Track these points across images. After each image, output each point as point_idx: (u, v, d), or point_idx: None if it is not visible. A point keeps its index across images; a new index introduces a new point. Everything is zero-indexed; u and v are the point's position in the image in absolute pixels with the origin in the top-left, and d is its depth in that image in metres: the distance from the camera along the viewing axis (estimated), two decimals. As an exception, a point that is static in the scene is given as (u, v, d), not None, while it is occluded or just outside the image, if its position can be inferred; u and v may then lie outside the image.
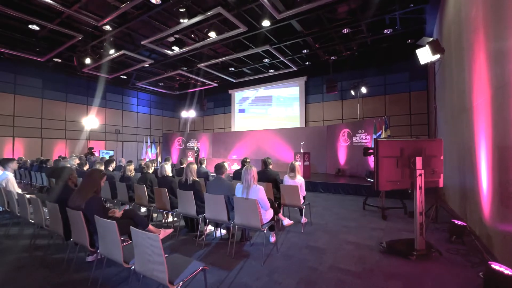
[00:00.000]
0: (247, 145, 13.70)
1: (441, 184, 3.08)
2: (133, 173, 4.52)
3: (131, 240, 2.77)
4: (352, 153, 9.69)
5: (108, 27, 8.23)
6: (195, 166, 3.53)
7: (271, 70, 12.39)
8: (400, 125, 10.24)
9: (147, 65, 11.52)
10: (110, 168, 4.87)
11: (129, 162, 4.68)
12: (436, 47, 3.81)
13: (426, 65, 4.43)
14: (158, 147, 14.89)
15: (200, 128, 17.23)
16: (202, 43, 8.95)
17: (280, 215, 3.62)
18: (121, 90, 14.88)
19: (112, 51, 9.43)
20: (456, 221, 3.46)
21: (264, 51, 10.04)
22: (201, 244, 3.37)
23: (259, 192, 2.87)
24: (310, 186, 8.09)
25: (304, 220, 4.38)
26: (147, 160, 11.50)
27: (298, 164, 4.22)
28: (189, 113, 15.66)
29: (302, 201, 4.09)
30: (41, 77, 11.67)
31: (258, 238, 3.65)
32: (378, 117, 8.76)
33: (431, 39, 3.96)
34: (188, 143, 14.86)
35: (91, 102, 13.45)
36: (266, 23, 7.65)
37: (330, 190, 7.76)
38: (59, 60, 10.84)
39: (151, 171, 4.38)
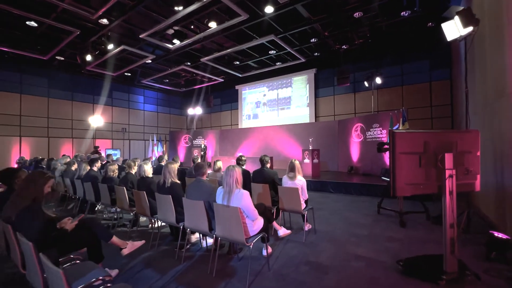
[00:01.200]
0: (254, 142, 13.16)
1: (477, 188, 2.40)
2: (116, 173, 4.11)
3: (89, 255, 2.33)
4: (366, 150, 8.92)
5: (105, 21, 7.94)
6: (174, 166, 3.03)
7: (278, 63, 11.74)
8: (420, 118, 9.34)
9: (149, 61, 11.22)
10: (95, 168, 4.50)
11: (113, 161, 4.27)
12: (468, 18, 3.08)
13: (449, 51, 3.70)
14: (164, 145, 14.66)
15: (207, 126, 16.88)
16: (202, 34, 8.46)
17: (275, 224, 3.06)
18: (127, 88, 14.74)
19: (112, 47, 9.15)
20: (496, 233, 2.76)
21: (269, 41, 9.42)
22: (181, 257, 2.88)
23: (243, 198, 2.32)
24: (319, 186, 7.45)
25: (307, 226, 3.80)
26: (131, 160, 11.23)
27: (298, 162, 3.62)
28: (195, 110, 15.31)
29: (303, 205, 3.50)
30: (46, 76, 11.65)
31: (250, 251, 3.12)
32: (394, 110, 7.95)
33: (461, 8, 3.24)
34: (195, 141, 14.53)
35: (97, 100, 13.38)
36: (269, 9, 7.04)
37: (341, 190, 7.09)
38: (62, 58, 10.72)
39: (133, 171, 3.95)
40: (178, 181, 3.01)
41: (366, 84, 9.66)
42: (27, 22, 7.99)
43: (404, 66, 9.83)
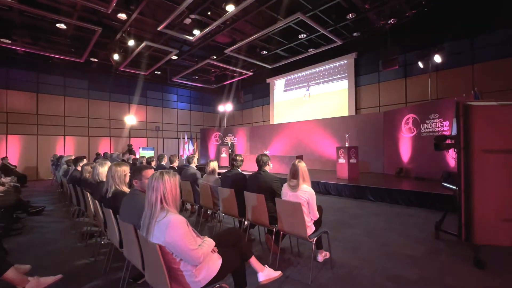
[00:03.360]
0: (285, 139, 12.01)
1: None
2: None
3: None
4: (420, 147, 7.09)
5: (123, 15, 7.75)
6: (123, 169, 2.20)
7: (310, 49, 10.36)
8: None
9: (175, 57, 10.98)
10: (79, 168, 4.04)
11: (87, 162, 3.70)
12: None
13: None
14: (195, 143, 14.50)
15: (239, 123, 16.26)
16: (221, 19, 7.68)
17: (254, 262, 2.01)
18: (161, 87, 14.96)
19: (136, 44, 9.05)
20: None
21: (297, 23, 8.21)
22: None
23: (170, 230, 1.35)
24: (355, 192, 6.03)
25: (321, 255, 2.66)
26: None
27: (304, 165, 2.49)
28: (226, 107, 14.80)
29: (311, 228, 2.39)
30: (87, 78, 12.32)
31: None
32: (461, 95, 6.03)
33: None
34: (225, 139, 14.03)
35: (132, 100, 13.79)
36: (290, -21, 5.89)
37: (384, 198, 5.57)
38: (96, 60, 11.14)
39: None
40: (127, 190, 2.18)
41: (420, 65, 7.75)
42: (57, 25, 8.26)
43: (475, 39, 7.58)
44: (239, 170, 3.35)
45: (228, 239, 1.84)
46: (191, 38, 8.83)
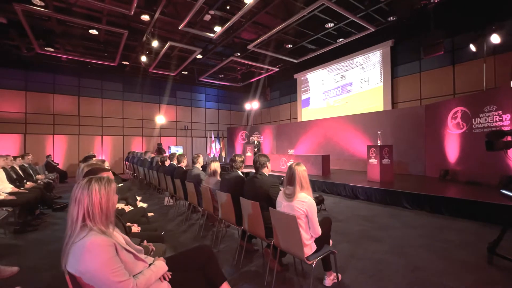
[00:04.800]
0: (313, 137, 11.31)
1: None
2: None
3: None
4: (472, 145, 5.97)
5: (146, 17, 7.89)
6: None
7: (340, 40, 9.51)
8: None
9: (200, 56, 11.00)
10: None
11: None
12: None
13: None
14: (222, 142, 14.50)
15: (266, 121, 15.89)
16: (240, 12, 7.36)
17: None
18: (189, 87, 15.26)
19: (161, 45, 9.25)
20: None
21: (322, 11, 7.54)
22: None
23: (84, 258, 1.02)
24: (388, 198, 5.25)
25: (330, 279, 2.18)
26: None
27: (303, 169, 2.02)
28: (252, 105, 14.54)
29: (311, 247, 1.92)
30: (121, 81, 13.05)
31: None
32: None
33: None
34: (251, 137, 13.80)
35: (162, 100, 14.29)
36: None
37: (423, 206, 4.73)
38: (127, 63, 11.69)
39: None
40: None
41: (472, 48, 6.55)
42: (90, 31, 8.76)
43: (548, 12, 6.14)
44: (239, 172, 2.98)
45: (194, 260, 1.49)
46: (212, 35, 8.69)
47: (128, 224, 2.30)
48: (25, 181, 5.19)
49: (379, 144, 6.46)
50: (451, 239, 3.32)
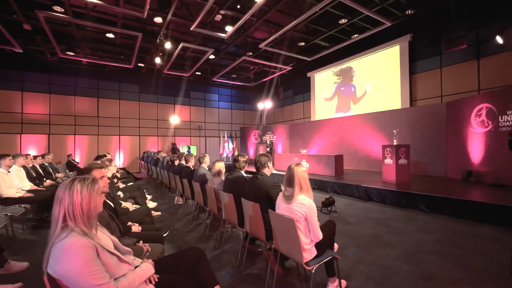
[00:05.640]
0: (327, 137, 11.05)
1: None
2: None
3: None
4: (498, 145, 5.56)
5: (159, 19, 8.04)
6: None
7: (354, 36, 9.21)
8: None
9: (212, 56, 11.08)
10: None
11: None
12: None
13: None
14: (235, 142, 14.55)
15: (280, 120, 15.74)
16: (251, 11, 7.31)
17: None
18: (203, 87, 15.44)
19: (174, 46, 9.41)
20: None
21: (335, 6, 7.32)
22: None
23: (62, 259, 1.00)
24: (404, 200, 5.00)
25: (334, 286, 2.08)
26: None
27: (302, 169, 1.93)
28: (265, 104, 14.46)
29: (311, 252, 1.83)
30: (137, 82, 13.44)
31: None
32: None
33: None
34: (264, 137, 13.74)
35: (177, 101, 14.56)
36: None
37: (443, 209, 4.45)
38: (143, 65, 12.01)
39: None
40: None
41: (499, 40, 6.09)
42: (107, 35, 9.07)
43: None
44: (242, 172, 2.93)
45: (185, 262, 1.45)
46: (223, 35, 8.71)
47: (129, 223, 2.33)
48: (44, 179, 5.45)
49: (395, 143, 6.18)
50: (471, 246, 3.08)
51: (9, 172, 3.97)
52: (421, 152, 7.55)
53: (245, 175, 2.91)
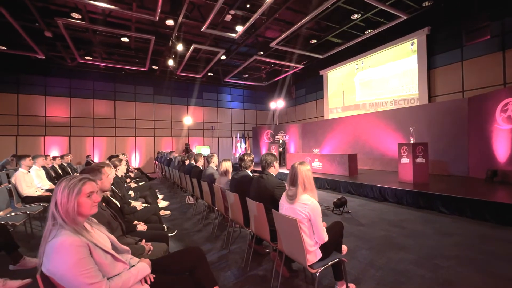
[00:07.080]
0: (341, 136, 10.80)
1: None
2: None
3: None
4: (526, 143, 5.17)
5: (171, 22, 8.18)
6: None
7: (368, 31, 8.92)
8: None
9: (224, 57, 11.13)
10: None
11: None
12: None
13: None
14: (247, 142, 14.56)
15: (292, 119, 15.58)
16: (260, 9, 7.26)
17: None
18: (215, 88, 15.58)
19: (186, 48, 9.56)
20: None
21: (346, 0, 7.13)
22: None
23: (54, 258, 1.00)
24: (421, 200, 4.77)
25: (340, 290, 1.99)
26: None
27: (306, 168, 1.85)
28: (277, 104, 14.36)
29: (316, 255, 1.76)
30: (152, 85, 13.77)
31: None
32: None
33: None
34: (276, 137, 13.65)
35: (190, 102, 14.79)
36: None
37: (463, 211, 4.20)
38: (157, 67, 12.28)
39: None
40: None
41: (527, 30, 5.66)
42: (122, 39, 9.35)
43: None
44: (248, 171, 2.89)
45: (183, 263, 1.43)
46: (234, 35, 8.72)
47: (135, 222, 2.35)
48: (63, 179, 5.68)
49: (411, 141, 5.91)
50: (494, 250, 2.87)
51: (29, 172, 4.16)
52: (441, 150, 7.19)
53: (251, 174, 2.87)
